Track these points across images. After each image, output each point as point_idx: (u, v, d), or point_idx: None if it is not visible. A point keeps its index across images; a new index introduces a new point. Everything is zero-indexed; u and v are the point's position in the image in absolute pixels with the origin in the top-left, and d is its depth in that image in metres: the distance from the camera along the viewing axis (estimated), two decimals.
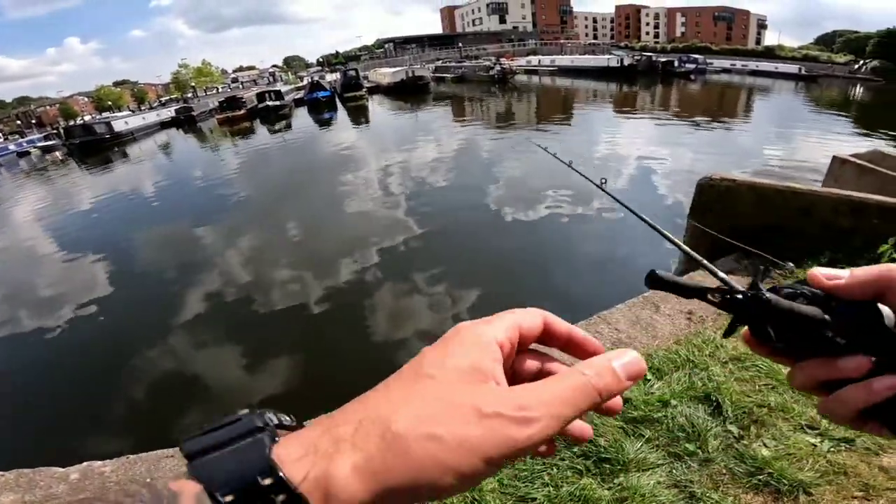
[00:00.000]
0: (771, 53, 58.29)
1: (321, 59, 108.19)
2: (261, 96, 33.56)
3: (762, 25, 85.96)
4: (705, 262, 0.38)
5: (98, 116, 50.50)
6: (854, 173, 4.69)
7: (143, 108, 58.97)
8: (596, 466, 1.72)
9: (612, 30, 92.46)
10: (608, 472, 1.69)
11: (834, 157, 5.12)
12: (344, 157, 15.42)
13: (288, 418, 0.27)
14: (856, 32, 60.29)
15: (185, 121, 35.71)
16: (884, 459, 1.71)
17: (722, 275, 0.35)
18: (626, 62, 41.47)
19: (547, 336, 0.31)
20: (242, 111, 31.66)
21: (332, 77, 50.68)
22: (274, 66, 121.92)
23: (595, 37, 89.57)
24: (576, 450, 1.75)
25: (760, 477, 1.61)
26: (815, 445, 1.71)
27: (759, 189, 3.16)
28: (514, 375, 0.30)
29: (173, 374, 4.78)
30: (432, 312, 5.43)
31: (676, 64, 42.92)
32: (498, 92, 33.82)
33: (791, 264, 2.83)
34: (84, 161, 25.05)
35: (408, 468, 0.23)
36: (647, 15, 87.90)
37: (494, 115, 23.82)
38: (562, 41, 73.21)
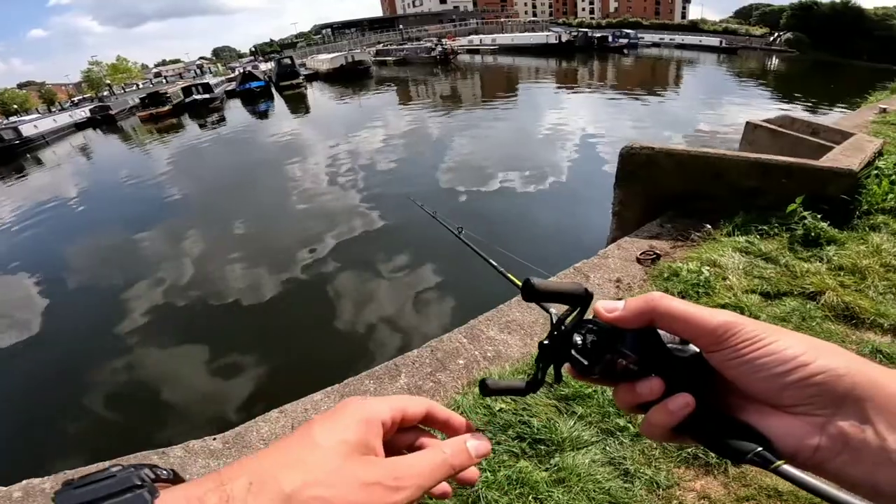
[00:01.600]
0: (695, 27, 61.31)
1: (254, 49, 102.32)
2: (187, 90, 31.26)
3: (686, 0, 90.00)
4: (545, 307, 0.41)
5: (3, 121, 45.16)
6: (766, 137, 4.98)
7: (53, 109, 53.34)
8: (531, 448, 1.70)
9: (550, 7, 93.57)
10: (544, 452, 1.69)
11: (747, 123, 5.41)
12: (284, 148, 14.81)
13: (166, 472, 0.27)
14: (770, 6, 64.36)
15: (103, 120, 32.62)
16: None
17: (552, 311, 0.37)
18: (565, 39, 42.22)
19: (428, 421, 0.35)
20: (167, 107, 29.39)
21: (266, 66, 48.06)
22: (202, 58, 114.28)
23: (534, 14, 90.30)
24: (511, 432, 1.72)
25: (689, 450, 1.63)
26: None
27: (676, 155, 3.24)
28: (392, 447, 0.33)
29: (121, 385, 4.58)
30: (389, 297, 5.42)
31: (610, 39, 44.23)
32: (441, 73, 33.45)
33: (709, 226, 2.94)
34: None
35: None
36: None
37: (440, 97, 23.53)
38: (502, 20, 73.24)
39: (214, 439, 1.89)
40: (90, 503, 0.23)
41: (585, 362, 0.33)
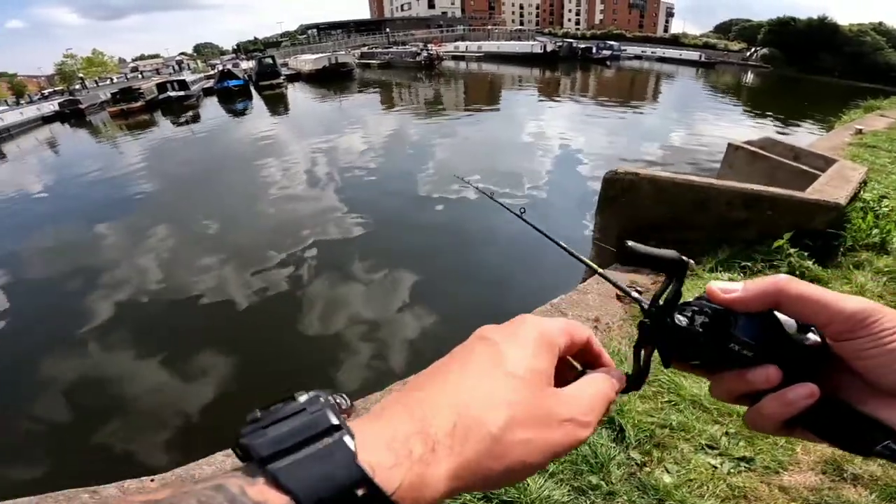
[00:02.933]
0: (676, 41, 62.92)
1: (237, 47, 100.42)
2: (162, 87, 30.24)
3: (670, 13, 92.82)
4: (617, 283, 0.38)
5: None
6: (747, 159, 4.88)
7: (22, 101, 51.15)
8: None
9: (537, 16, 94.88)
10: None
11: (729, 144, 5.32)
12: (258, 148, 14.35)
13: (343, 400, 0.26)
14: (750, 21, 66.31)
15: (72, 114, 31.32)
16: (784, 478, 1.66)
17: (635, 295, 0.35)
18: (549, 48, 42.64)
19: (585, 351, 0.33)
20: (140, 103, 28.35)
21: (247, 65, 47.08)
22: (182, 53, 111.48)
23: (521, 23, 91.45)
24: (477, 494, 1.57)
25: None
26: (716, 467, 1.68)
27: (659, 182, 3.06)
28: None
29: (69, 396, 4.22)
30: (365, 301, 5.24)
31: (594, 50, 44.89)
32: (424, 78, 33.26)
33: (692, 261, 2.75)
34: None
35: (500, 468, 0.24)
36: (570, 1, 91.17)
37: (423, 102, 23.32)
38: (489, 27, 73.73)
39: (152, 480, 1.73)
40: (291, 448, 0.21)
41: (691, 348, 0.31)
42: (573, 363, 0.33)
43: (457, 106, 21.55)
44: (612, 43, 49.39)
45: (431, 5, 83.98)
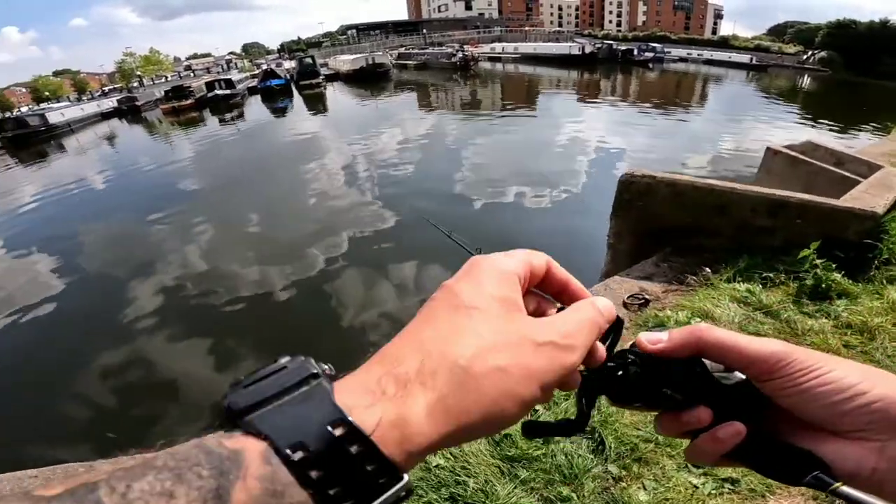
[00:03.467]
0: (725, 43, 60.12)
1: (281, 46, 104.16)
2: (210, 85, 31.74)
3: (718, 15, 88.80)
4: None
5: (35, 107, 46.77)
6: (785, 164, 4.61)
7: (84, 98, 55.13)
8: None
9: (576, 18, 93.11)
10: None
11: (767, 148, 5.04)
12: (297, 146, 14.89)
13: (328, 367, 0.24)
14: (806, 24, 62.90)
15: (129, 111, 33.49)
16: (770, 503, 1.55)
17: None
18: (588, 50, 41.73)
19: (547, 279, 0.31)
20: (190, 101, 29.88)
21: (289, 65, 48.74)
22: (231, 53, 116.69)
23: (560, 24, 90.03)
24: (444, 492, 1.55)
25: None
26: (697, 487, 1.56)
27: (677, 186, 2.94)
28: None
29: (118, 373, 4.55)
30: (396, 297, 5.35)
31: (636, 52, 43.58)
32: (460, 79, 33.31)
33: (707, 270, 2.62)
34: (17, 156, 23.12)
35: (480, 402, 0.23)
36: (611, 3, 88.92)
37: (459, 103, 23.35)
38: (526, 28, 73.04)
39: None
40: (268, 399, 0.21)
41: (629, 394, 0.33)
42: (551, 301, 0.32)
43: (493, 107, 21.47)
44: (654, 45, 47.78)
45: (468, 7, 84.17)
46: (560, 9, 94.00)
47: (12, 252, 8.64)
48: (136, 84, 59.73)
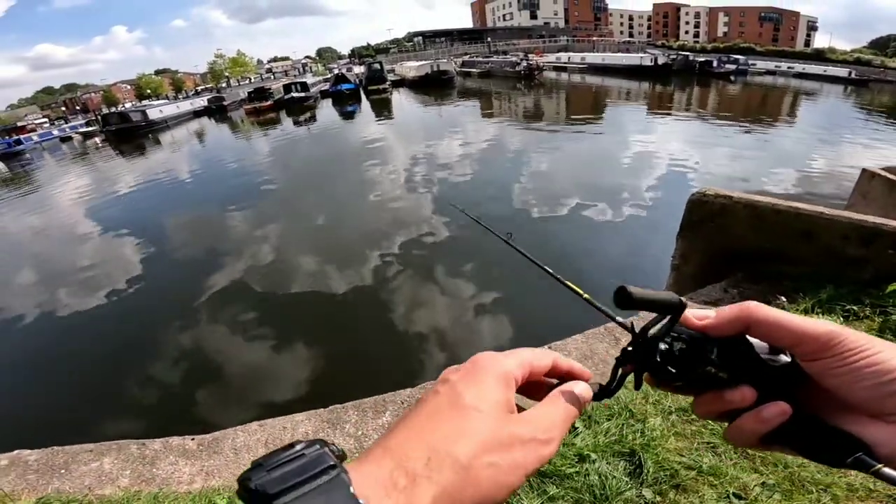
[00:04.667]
0: (820, 56, 54.95)
1: (352, 52, 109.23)
2: (287, 87, 34.08)
3: (812, 27, 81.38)
4: (608, 311, 0.38)
5: (137, 104, 52.60)
6: (884, 189, 4.20)
7: (180, 96, 61.05)
8: None
9: (649, 28, 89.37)
10: None
11: (863, 171, 4.61)
12: (365, 150, 15.50)
13: (337, 450, 0.28)
14: None
15: (217, 110, 36.68)
16: None
17: (620, 319, 0.36)
18: (661, 61, 39.80)
19: (552, 372, 0.36)
20: (269, 102, 32.22)
21: (359, 69, 50.97)
22: (307, 57, 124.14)
23: (631, 35, 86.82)
24: None
25: None
26: None
27: (757, 208, 2.79)
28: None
29: (193, 358, 4.86)
30: (451, 306, 5.39)
31: (715, 64, 40.92)
32: (524, 88, 33.12)
33: (783, 299, 2.47)
34: (119, 147, 26.09)
35: (476, 493, 0.26)
36: (687, 14, 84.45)
37: (522, 113, 23.23)
38: (594, 38, 71.21)
39: (192, 440, 1.95)
40: (292, 487, 0.23)
41: (673, 370, 0.33)
42: (547, 380, 0.36)
43: (557, 118, 21.12)
44: (737, 56, 44.67)
45: (534, 16, 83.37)
46: (630, 19, 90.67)
47: (107, 234, 9.75)
48: (224, 84, 65.16)
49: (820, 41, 78.66)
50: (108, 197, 13.94)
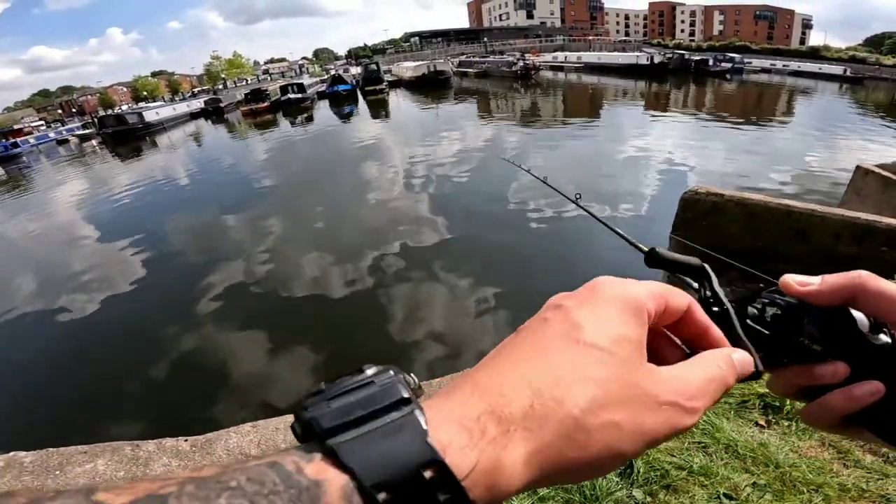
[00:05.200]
0: (815, 54, 55.21)
1: (349, 52, 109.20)
2: (284, 89, 34.07)
3: (807, 25, 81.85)
4: (677, 259, 0.34)
5: (134, 106, 52.54)
6: (878, 185, 4.22)
7: (176, 98, 60.94)
8: None
9: (644, 27, 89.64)
10: None
11: (857, 167, 4.65)
12: (362, 151, 15.54)
13: (412, 379, 0.23)
14: None
15: (213, 112, 36.65)
16: None
17: (695, 285, 0.34)
18: (657, 60, 39.97)
19: (686, 321, 0.28)
20: (266, 103, 32.23)
21: (356, 70, 50.96)
22: (304, 58, 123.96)
23: (626, 34, 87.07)
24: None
25: None
26: None
27: (749, 205, 2.80)
28: None
29: (188, 359, 4.87)
30: (451, 305, 5.41)
31: (711, 62, 41.08)
32: (521, 88, 33.18)
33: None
34: (116, 150, 26.06)
35: (582, 457, 0.21)
36: (683, 13, 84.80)
37: (519, 112, 23.28)
38: (591, 38, 71.37)
39: (186, 440, 1.96)
40: (355, 421, 0.19)
41: (766, 332, 0.30)
42: (676, 342, 0.29)
43: (554, 117, 21.17)
44: (732, 55, 44.85)
45: (530, 15, 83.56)
46: (627, 18, 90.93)
47: (103, 236, 9.73)
48: (220, 86, 65.06)
49: (815, 39, 79.07)
50: (105, 200, 13.91)
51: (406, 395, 0.20)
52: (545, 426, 0.21)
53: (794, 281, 0.30)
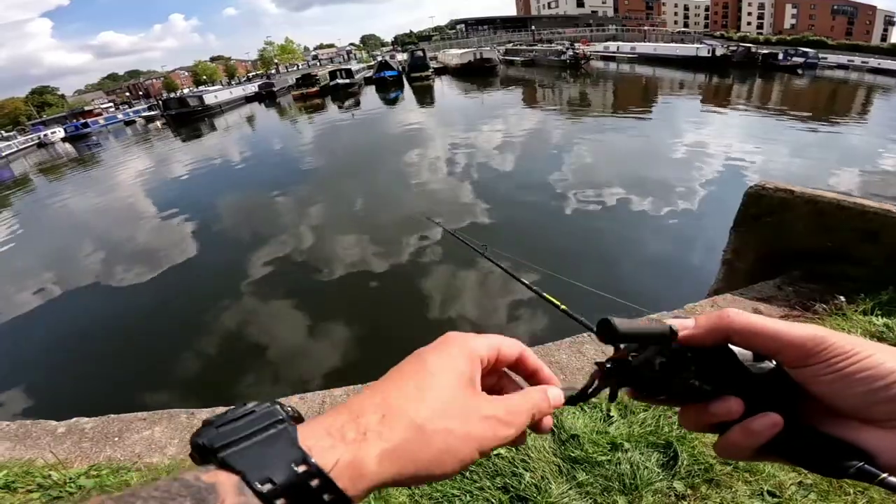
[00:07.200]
0: None
1: (395, 39, 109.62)
2: (332, 74, 34.83)
3: (890, 22, 73.92)
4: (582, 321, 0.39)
5: (194, 90, 55.43)
6: None
7: (232, 82, 63.68)
8: None
9: (706, 18, 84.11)
10: None
11: None
12: (406, 136, 15.77)
13: (292, 410, 0.28)
14: None
15: (266, 96, 38.10)
16: None
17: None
18: (719, 52, 37.49)
19: (517, 365, 0.36)
20: (315, 88, 33.09)
21: (402, 57, 51.17)
22: (351, 44, 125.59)
23: (686, 25, 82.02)
24: (498, 480, 1.57)
25: None
26: None
27: (819, 203, 2.68)
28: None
29: (234, 334, 5.13)
30: (485, 292, 5.46)
31: (781, 56, 38.07)
32: (569, 78, 32.20)
33: (842, 298, 2.38)
34: (178, 130, 27.71)
35: (425, 456, 0.27)
36: (750, 4, 78.66)
37: (566, 103, 22.63)
38: (646, 28, 67.89)
39: (192, 414, 2.03)
40: (240, 438, 0.24)
41: (653, 384, 0.32)
42: (514, 379, 0.37)
43: (603, 108, 20.45)
44: (805, 49, 41.37)
45: (580, 4, 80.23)
46: (686, 8, 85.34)
47: (163, 212, 10.40)
48: (273, 71, 67.30)
49: None
50: (166, 177, 14.93)
51: (280, 416, 0.26)
52: (394, 431, 0.26)
53: (677, 326, 0.32)
